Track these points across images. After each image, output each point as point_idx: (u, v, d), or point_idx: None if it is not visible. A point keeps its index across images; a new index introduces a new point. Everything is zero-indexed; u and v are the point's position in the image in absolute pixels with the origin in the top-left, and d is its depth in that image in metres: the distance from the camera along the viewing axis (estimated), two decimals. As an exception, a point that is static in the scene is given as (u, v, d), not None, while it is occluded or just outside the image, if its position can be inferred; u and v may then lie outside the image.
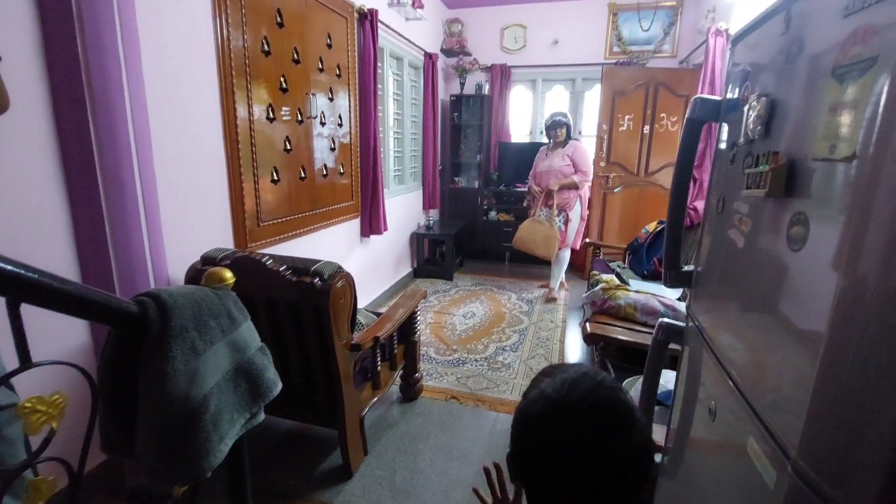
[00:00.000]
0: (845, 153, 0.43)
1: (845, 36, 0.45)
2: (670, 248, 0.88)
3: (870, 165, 0.40)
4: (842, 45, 0.45)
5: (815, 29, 0.53)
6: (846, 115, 0.44)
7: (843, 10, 0.46)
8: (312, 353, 1.67)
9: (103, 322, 0.82)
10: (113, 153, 1.40)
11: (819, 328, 0.45)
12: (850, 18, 0.45)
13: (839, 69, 0.46)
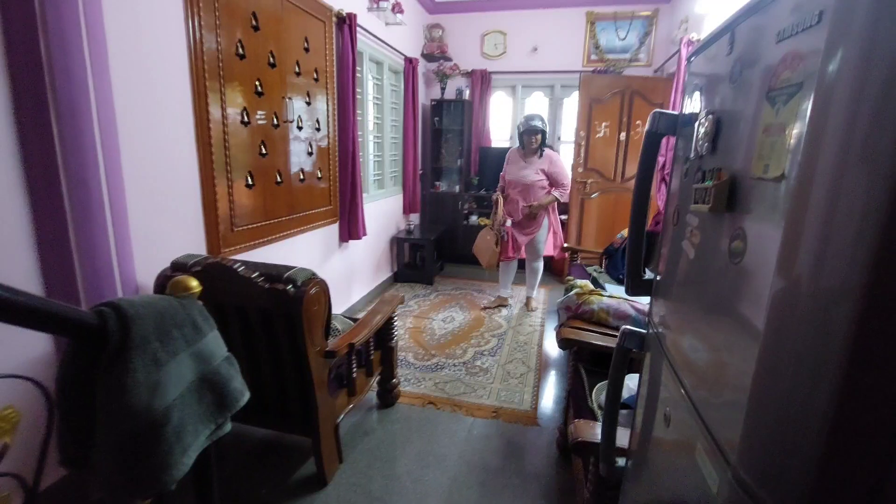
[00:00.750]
0: (776, 173, 0.46)
1: (777, 60, 0.48)
2: (632, 257, 0.91)
3: (795, 186, 0.43)
4: (775, 69, 0.48)
5: (753, 52, 0.55)
6: (777, 137, 0.46)
7: (777, 35, 0.48)
8: (285, 360, 1.65)
9: (61, 334, 0.81)
10: (77, 154, 1.37)
11: (754, 338, 0.47)
12: (782, 44, 0.47)
13: (772, 92, 0.48)
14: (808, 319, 0.41)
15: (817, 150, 0.40)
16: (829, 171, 0.39)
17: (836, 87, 0.38)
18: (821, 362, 0.40)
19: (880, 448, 0.39)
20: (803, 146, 0.41)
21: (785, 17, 0.47)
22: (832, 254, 0.39)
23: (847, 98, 0.37)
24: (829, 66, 0.39)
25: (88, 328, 0.79)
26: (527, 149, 3.46)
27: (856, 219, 0.37)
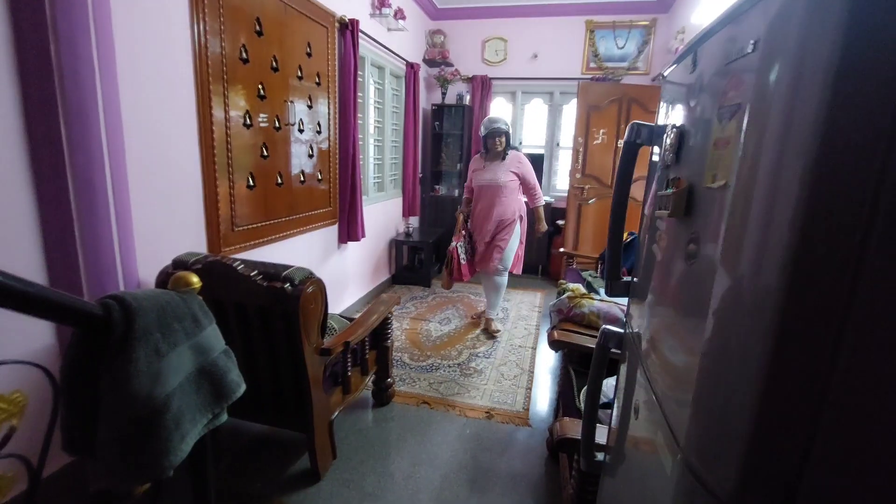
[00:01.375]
0: (721, 183, 0.50)
1: (726, 81, 0.52)
2: (611, 261, 0.95)
3: (734, 195, 0.47)
4: (724, 88, 0.53)
5: (710, 71, 0.60)
6: (723, 150, 0.51)
7: (725, 58, 0.53)
8: (282, 357, 1.69)
9: (67, 324, 0.85)
10: (84, 155, 1.42)
11: (702, 331, 0.52)
12: (730, 66, 0.52)
13: (720, 109, 0.53)
14: (739, 317, 0.46)
15: (749, 163, 0.45)
16: (761, 179, 0.44)
17: (763, 107, 0.43)
18: (749, 358, 0.45)
19: (798, 439, 0.44)
20: (739, 160, 0.46)
21: (731, 44, 0.52)
22: (758, 257, 0.44)
23: (772, 118, 0.42)
24: (759, 89, 0.44)
25: (94, 318, 0.84)
26: (490, 152, 3.28)
27: (778, 225, 0.41)
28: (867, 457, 0.43)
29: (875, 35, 0.36)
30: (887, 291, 0.39)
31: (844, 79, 0.37)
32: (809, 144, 0.39)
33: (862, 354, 0.41)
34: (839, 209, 0.39)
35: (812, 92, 0.39)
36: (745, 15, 0.49)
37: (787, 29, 0.41)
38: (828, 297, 0.41)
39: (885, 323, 0.40)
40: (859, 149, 0.37)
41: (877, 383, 0.41)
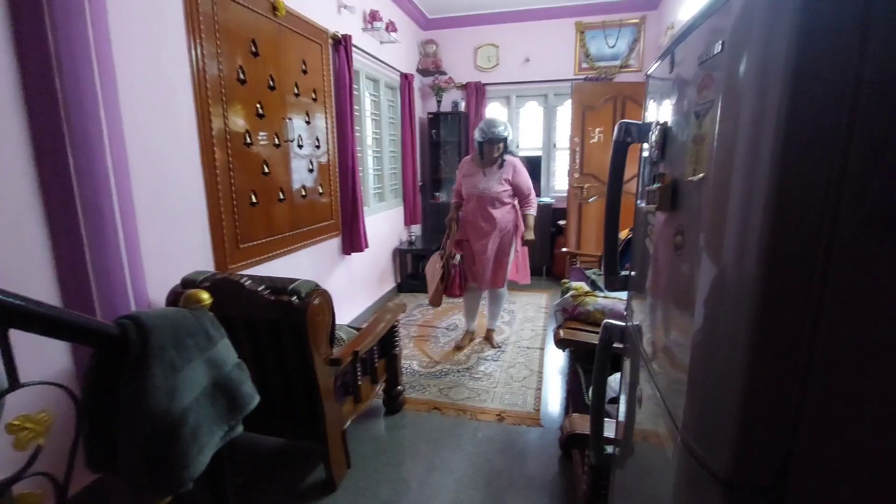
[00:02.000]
0: (700, 175, 0.53)
1: (700, 80, 0.55)
2: (608, 256, 0.98)
3: (711, 187, 0.50)
4: (698, 87, 0.56)
5: (686, 71, 0.63)
6: (701, 146, 0.54)
7: (698, 58, 0.56)
8: (292, 369, 1.72)
9: (87, 344, 0.88)
10: (91, 185, 1.46)
11: (693, 318, 0.54)
12: (702, 66, 0.55)
13: (697, 106, 0.56)
14: (724, 303, 0.48)
15: (723, 157, 0.48)
16: (734, 172, 0.46)
17: (732, 104, 0.46)
18: (735, 342, 0.47)
19: (786, 415, 0.46)
20: (715, 153, 0.49)
21: (702, 45, 0.55)
22: (737, 245, 0.46)
23: (740, 113, 0.45)
24: (728, 86, 0.46)
25: (112, 338, 0.87)
26: (486, 158, 3.00)
27: (753, 214, 0.44)
28: (852, 428, 0.46)
29: (827, 35, 0.39)
30: (856, 270, 0.42)
31: (802, 75, 0.40)
32: (775, 137, 0.41)
33: (838, 331, 0.44)
34: (807, 197, 0.41)
35: (774, 88, 0.41)
36: (712, 17, 0.52)
37: (748, 30, 0.44)
38: (803, 279, 0.43)
39: (857, 299, 0.43)
40: (821, 138, 0.40)
41: (853, 358, 0.44)
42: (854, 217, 0.40)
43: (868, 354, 0.44)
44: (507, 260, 3.10)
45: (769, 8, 0.41)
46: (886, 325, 0.43)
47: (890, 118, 0.39)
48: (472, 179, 3.06)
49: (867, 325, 0.44)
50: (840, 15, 0.38)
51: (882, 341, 0.44)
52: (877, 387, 0.45)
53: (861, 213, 0.40)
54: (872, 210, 0.40)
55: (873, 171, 0.39)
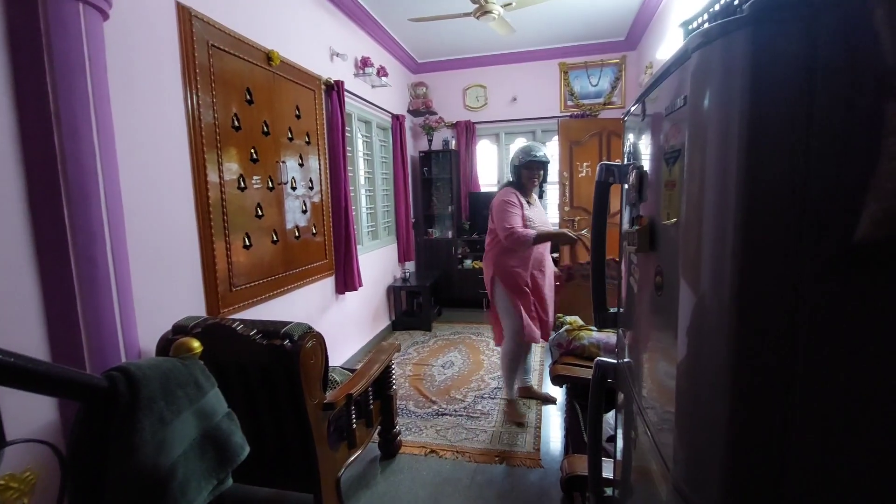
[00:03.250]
0: (673, 219, 0.55)
1: (667, 129, 0.59)
2: (596, 293, 0.99)
3: (683, 231, 0.52)
4: (666, 136, 0.59)
5: (655, 120, 0.67)
6: (673, 191, 0.57)
7: (665, 109, 0.59)
8: (285, 415, 1.69)
9: (75, 399, 0.87)
10: (85, 234, 1.47)
11: (676, 356, 0.55)
12: (669, 117, 0.58)
13: (666, 154, 0.59)
14: (705, 340, 0.50)
15: (692, 202, 0.50)
16: (703, 219, 0.49)
17: (696, 156, 0.49)
18: (718, 377, 0.48)
19: (772, 454, 0.47)
20: (685, 199, 0.52)
21: (668, 97, 0.58)
22: (711, 285, 0.48)
23: (705, 165, 0.48)
24: (692, 138, 0.49)
25: (100, 391, 0.86)
26: (527, 186, 2.61)
27: (723, 256, 0.46)
28: (839, 467, 0.46)
29: (776, 90, 0.42)
30: (824, 308, 0.44)
31: (756, 130, 0.43)
32: (737, 188, 0.44)
33: (816, 365, 0.45)
34: (772, 242, 0.44)
35: (732, 143, 0.44)
36: (675, 73, 0.56)
37: (704, 88, 0.48)
38: (776, 321, 0.45)
39: (829, 335, 0.44)
40: (778, 188, 0.43)
41: (833, 393, 0.45)
42: (816, 259, 0.42)
43: (847, 390, 0.45)
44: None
45: (723, 69, 0.45)
46: (860, 359, 0.45)
47: (840, 168, 0.41)
48: (529, 211, 2.57)
49: (842, 359, 0.45)
50: (788, 72, 0.41)
51: (858, 375, 0.45)
52: (859, 419, 0.46)
53: (822, 255, 0.42)
54: (831, 252, 0.42)
55: (829, 216, 0.42)
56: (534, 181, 2.61)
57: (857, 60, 0.40)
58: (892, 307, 0.42)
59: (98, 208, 1.49)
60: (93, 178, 1.47)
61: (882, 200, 0.39)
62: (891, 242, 0.40)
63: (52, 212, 1.43)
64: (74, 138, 1.43)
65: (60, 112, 1.40)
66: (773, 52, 0.41)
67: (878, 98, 0.40)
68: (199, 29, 2.10)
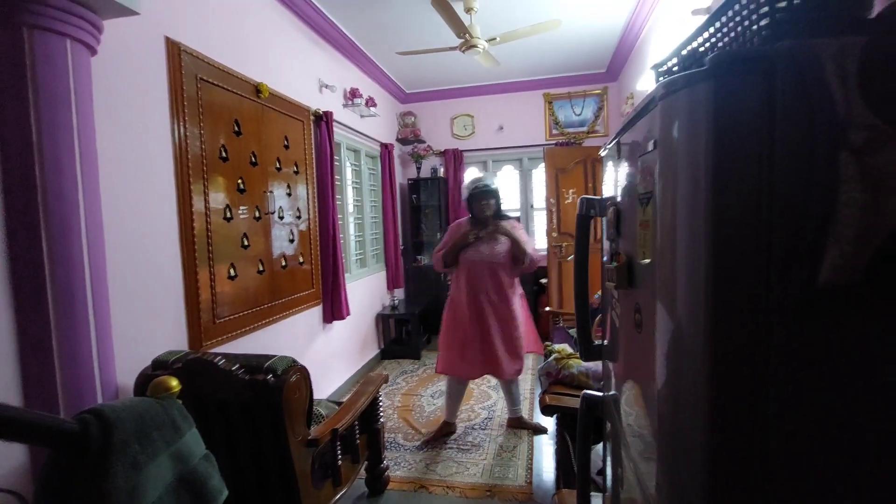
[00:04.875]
0: (648, 259, 0.56)
1: (640, 171, 0.60)
2: (580, 325, 0.99)
3: (657, 271, 0.53)
4: (639, 177, 0.61)
5: (630, 161, 0.69)
6: (647, 231, 0.58)
7: (638, 152, 0.61)
8: (267, 453, 1.63)
9: (43, 445, 0.84)
10: (65, 267, 1.45)
11: (656, 387, 0.55)
12: (641, 159, 0.60)
13: (640, 196, 0.60)
14: (679, 378, 0.50)
15: (664, 244, 0.51)
16: (675, 256, 0.50)
17: (666, 200, 0.50)
18: (696, 404, 0.49)
19: (754, 485, 0.47)
20: (659, 239, 0.53)
21: (640, 140, 0.60)
22: (686, 317, 0.49)
23: (676, 210, 0.49)
24: (662, 181, 0.51)
25: (70, 436, 0.83)
26: (480, 217, 2.64)
27: (694, 296, 0.47)
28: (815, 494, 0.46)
29: (738, 139, 0.44)
30: (795, 348, 0.44)
31: (721, 179, 0.44)
32: (706, 233, 0.45)
33: (786, 400, 0.45)
34: (741, 287, 0.45)
35: (700, 189, 0.46)
36: (645, 118, 0.58)
37: (672, 135, 0.49)
38: (752, 367, 0.46)
39: (798, 370, 0.45)
40: (744, 235, 0.44)
41: (804, 424, 0.45)
42: (783, 301, 0.43)
43: (816, 422, 0.45)
44: (518, 334, 2.67)
45: (688, 119, 0.47)
46: (828, 396, 0.46)
47: (802, 214, 0.43)
48: (480, 244, 2.61)
49: (811, 396, 0.46)
50: (749, 122, 0.43)
51: (827, 412, 0.46)
52: (830, 450, 0.47)
53: (788, 298, 0.43)
54: (796, 296, 0.43)
55: (793, 261, 0.43)
56: (484, 211, 2.63)
57: (814, 112, 0.42)
58: (852, 349, 0.43)
59: (78, 240, 1.47)
60: (74, 209, 1.46)
61: (841, 246, 0.41)
62: (850, 288, 0.41)
63: (29, 243, 1.41)
64: (56, 170, 1.42)
65: (44, 144, 1.40)
66: (734, 104, 0.43)
67: (833, 148, 0.42)
68: (187, 63, 2.13)
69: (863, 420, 0.46)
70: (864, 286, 0.42)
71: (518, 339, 2.68)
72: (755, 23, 0.49)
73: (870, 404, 0.45)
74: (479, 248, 2.62)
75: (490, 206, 2.64)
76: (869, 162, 0.40)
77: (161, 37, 2.02)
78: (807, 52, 0.42)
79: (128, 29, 1.83)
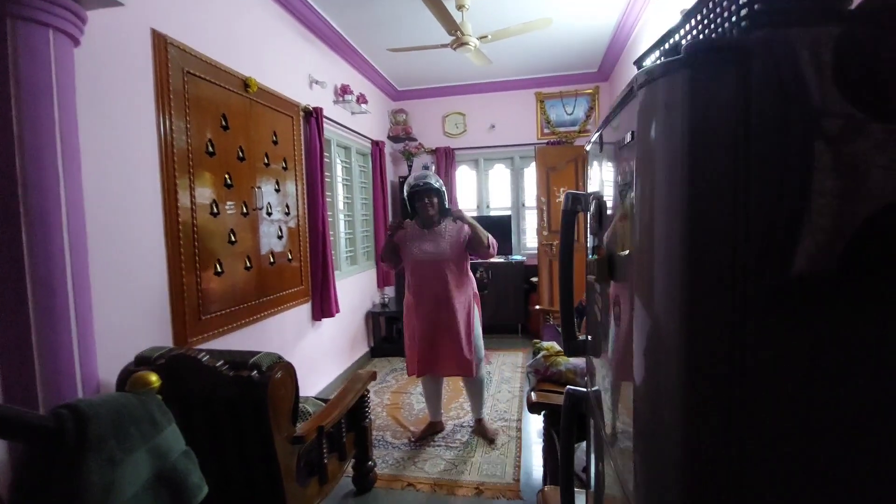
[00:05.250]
0: (626, 250, 0.56)
1: (620, 164, 0.60)
2: (565, 321, 0.99)
3: (636, 259, 0.53)
4: (619, 170, 0.60)
5: (610, 154, 0.69)
6: (626, 223, 0.58)
7: (617, 143, 0.61)
8: (251, 450, 1.62)
9: (16, 440, 0.82)
10: (45, 261, 1.42)
11: (634, 381, 0.55)
12: (621, 151, 0.60)
13: (619, 187, 0.60)
14: (655, 372, 0.50)
15: (641, 235, 0.51)
16: (653, 246, 0.50)
17: (644, 191, 0.50)
18: (672, 396, 0.49)
19: (729, 480, 0.47)
20: (638, 231, 0.53)
21: (620, 132, 0.60)
22: (664, 307, 0.49)
23: (654, 200, 0.49)
24: (640, 172, 0.51)
25: (45, 431, 0.81)
26: (423, 215, 2.57)
27: (670, 288, 0.47)
28: (790, 489, 0.46)
29: (714, 127, 0.44)
30: (769, 334, 0.44)
31: (696, 163, 0.44)
32: (681, 223, 0.45)
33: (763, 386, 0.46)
34: (715, 274, 0.45)
35: (675, 175, 0.46)
36: (624, 109, 0.58)
37: (650, 123, 0.49)
38: (722, 342, 0.46)
39: (774, 359, 0.45)
40: (720, 224, 0.44)
41: (783, 414, 0.46)
42: (759, 289, 0.43)
43: (793, 414, 0.45)
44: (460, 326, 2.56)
45: (665, 108, 0.46)
46: (804, 388, 0.46)
47: (777, 204, 0.43)
48: (412, 243, 2.57)
49: (786, 386, 0.46)
50: (724, 111, 0.43)
51: (802, 407, 0.46)
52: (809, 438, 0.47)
53: (763, 287, 0.43)
54: (772, 284, 0.43)
55: (769, 250, 0.43)
56: (427, 209, 2.56)
57: (789, 101, 0.42)
58: (827, 340, 0.43)
59: (59, 233, 1.44)
60: (55, 202, 1.43)
61: (815, 235, 0.41)
62: (825, 277, 0.41)
63: (9, 237, 1.38)
64: (37, 162, 1.40)
65: (24, 136, 1.37)
66: (710, 93, 0.43)
67: (808, 137, 0.42)
68: (174, 56, 2.10)
69: (838, 412, 0.46)
70: (838, 275, 0.42)
71: (466, 336, 2.58)
72: (734, 13, 0.49)
73: (844, 396, 0.45)
74: (423, 246, 2.56)
75: (433, 204, 2.57)
76: (843, 150, 0.40)
77: (147, 29, 1.99)
78: (782, 42, 0.42)
79: (113, 20, 1.80)
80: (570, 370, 2.12)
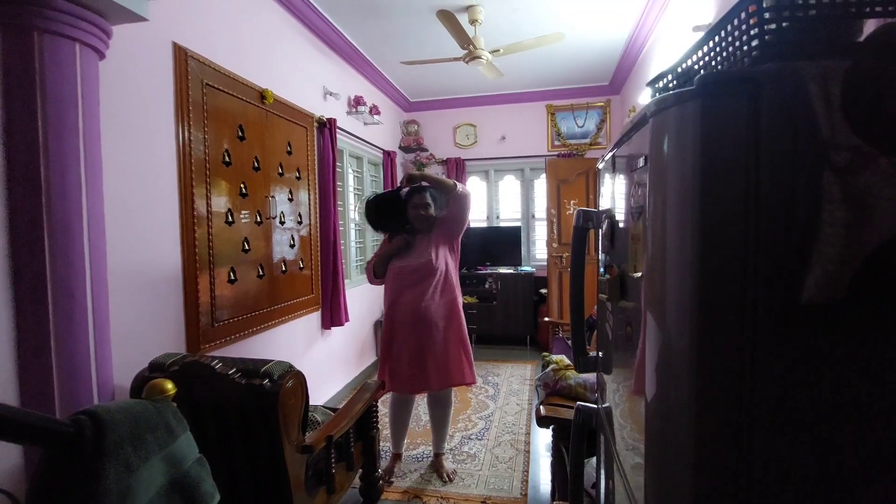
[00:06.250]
0: (639, 272, 0.57)
1: (633, 186, 0.61)
2: (575, 337, 1.00)
3: (647, 282, 0.54)
4: (632, 191, 0.61)
5: (624, 174, 0.70)
6: (638, 244, 0.59)
7: (630, 166, 0.62)
8: (262, 458, 1.63)
9: (37, 445, 0.84)
10: (66, 268, 1.46)
11: (645, 402, 0.56)
12: (633, 174, 0.61)
13: (632, 209, 0.61)
14: (667, 390, 0.50)
15: (653, 257, 0.52)
16: (664, 271, 0.51)
17: (656, 215, 0.51)
18: (683, 415, 0.49)
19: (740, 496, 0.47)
20: (650, 253, 0.54)
21: (632, 156, 0.61)
22: (675, 329, 0.49)
23: (666, 225, 0.50)
24: (652, 196, 0.52)
25: (65, 437, 0.83)
26: (414, 221, 2.36)
27: (681, 312, 0.48)
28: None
29: (724, 157, 0.45)
30: (778, 360, 0.45)
31: (707, 191, 0.45)
32: (692, 247, 0.46)
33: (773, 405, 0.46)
34: (725, 298, 0.45)
35: (686, 202, 0.47)
36: (637, 134, 0.59)
37: (662, 151, 0.50)
38: (732, 365, 0.46)
39: (782, 384, 0.46)
40: (731, 248, 0.45)
41: (792, 432, 0.46)
42: (767, 316, 0.44)
43: (802, 432, 0.46)
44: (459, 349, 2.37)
45: (676, 137, 0.48)
46: (816, 404, 0.46)
47: (786, 233, 0.44)
48: (409, 254, 2.34)
49: (794, 409, 0.46)
50: (735, 141, 0.44)
51: (816, 420, 0.47)
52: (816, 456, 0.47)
53: (772, 313, 0.44)
54: (780, 311, 0.44)
55: (778, 278, 0.43)
56: (420, 211, 2.33)
57: (798, 133, 0.43)
58: (835, 364, 0.44)
59: (80, 240, 1.48)
60: (76, 209, 1.47)
61: (824, 264, 0.41)
62: (832, 306, 0.42)
63: (32, 243, 1.42)
64: (60, 170, 1.44)
65: (49, 145, 1.42)
66: (721, 124, 0.44)
67: (817, 168, 0.43)
68: (194, 68, 2.16)
69: (845, 432, 0.46)
70: (846, 304, 0.43)
71: (447, 351, 2.35)
72: (746, 43, 0.50)
73: (851, 417, 0.45)
74: (405, 256, 2.36)
75: (427, 209, 2.33)
76: (851, 182, 0.41)
77: (169, 42, 2.05)
78: (791, 75, 0.43)
79: (136, 34, 1.86)
80: (580, 384, 2.12)
